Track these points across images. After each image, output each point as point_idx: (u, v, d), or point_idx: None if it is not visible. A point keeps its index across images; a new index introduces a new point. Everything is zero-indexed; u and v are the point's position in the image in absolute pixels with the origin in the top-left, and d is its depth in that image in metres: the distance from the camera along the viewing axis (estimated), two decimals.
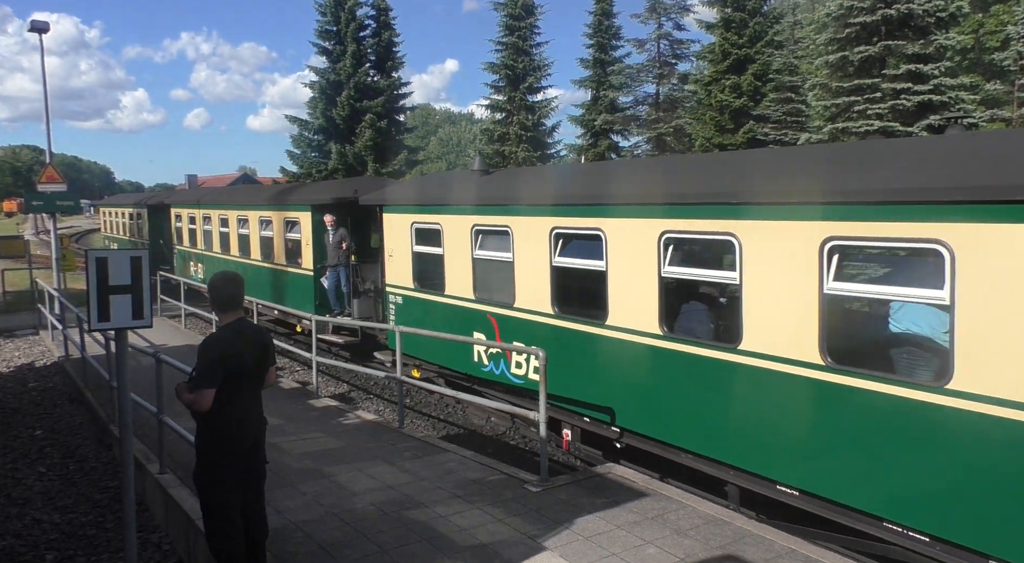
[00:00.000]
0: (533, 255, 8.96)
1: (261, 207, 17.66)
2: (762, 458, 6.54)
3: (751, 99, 25.47)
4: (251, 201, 18.73)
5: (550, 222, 8.69)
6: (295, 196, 16.52)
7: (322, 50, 32.58)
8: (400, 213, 11.80)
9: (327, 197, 15.16)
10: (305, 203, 15.37)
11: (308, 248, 15.21)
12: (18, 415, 12.27)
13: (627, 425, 7.96)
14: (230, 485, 5.00)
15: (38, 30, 19.67)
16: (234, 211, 19.18)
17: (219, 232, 20.16)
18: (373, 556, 5.76)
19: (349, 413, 10.59)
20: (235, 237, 19.11)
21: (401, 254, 11.77)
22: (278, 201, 16.99)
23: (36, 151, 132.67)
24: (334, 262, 14.41)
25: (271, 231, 17.05)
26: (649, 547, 5.85)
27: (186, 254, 23.27)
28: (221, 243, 20.10)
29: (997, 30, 31.65)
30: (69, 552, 7.45)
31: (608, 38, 31.27)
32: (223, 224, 19.80)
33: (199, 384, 4.87)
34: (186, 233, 23.30)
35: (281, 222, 16.47)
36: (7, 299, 23.81)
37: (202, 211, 21.61)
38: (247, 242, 18.44)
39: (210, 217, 20.79)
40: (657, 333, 7.41)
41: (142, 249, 5.15)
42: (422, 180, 16.39)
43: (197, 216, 22.06)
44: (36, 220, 67.05)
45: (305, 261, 15.44)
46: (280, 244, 16.60)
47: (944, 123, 17.95)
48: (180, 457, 7.99)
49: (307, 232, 15.24)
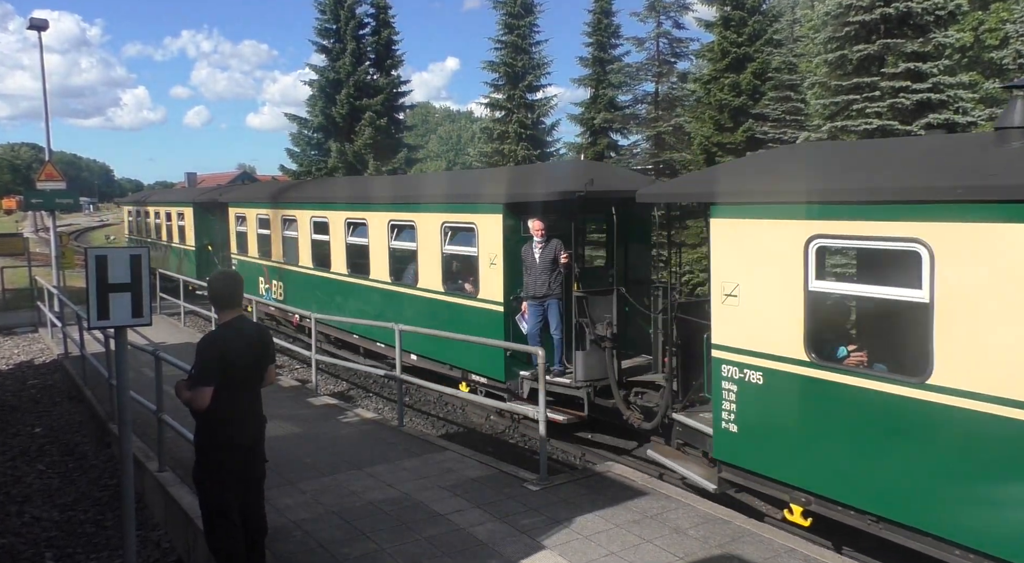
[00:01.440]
0: None
1: (393, 207, 12.61)
2: None
3: (750, 98, 25.44)
4: (372, 197, 13.49)
5: None
6: (469, 189, 11.36)
7: (322, 48, 32.54)
8: (772, 219, 6.42)
9: (539, 191, 9.93)
10: (493, 200, 10.28)
11: (495, 270, 10.22)
12: (17, 413, 12.28)
13: None
14: (229, 483, 5.01)
15: (37, 28, 19.66)
16: (340, 212, 14.15)
17: (312, 240, 15.36)
18: (372, 555, 5.76)
19: (348, 411, 10.60)
20: (340, 248, 14.26)
21: (769, 291, 6.48)
22: (429, 197, 11.81)
23: (35, 149, 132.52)
24: (541, 292, 9.59)
25: (412, 241, 12.05)
26: (648, 546, 5.85)
27: (253, 267, 18.28)
28: (316, 255, 15.31)
29: (996, 28, 31.64)
30: (68, 550, 7.45)
31: (607, 36, 31.20)
32: (319, 229, 15.08)
33: (198, 382, 4.88)
34: (253, 239, 18.35)
35: (437, 228, 11.37)
36: (6, 297, 23.81)
37: (281, 211, 16.77)
38: (363, 254, 13.55)
39: (295, 219, 16.05)
40: None
41: (142, 247, 5.14)
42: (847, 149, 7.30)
43: (272, 218, 17.17)
44: (35, 218, 66.95)
45: (487, 289, 10.40)
46: (434, 262, 11.49)
47: (943, 122, 17.96)
48: (179, 455, 8.00)
49: (493, 244, 10.22)
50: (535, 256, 9.63)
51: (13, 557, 7.27)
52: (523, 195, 10.09)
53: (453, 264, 11.47)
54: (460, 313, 10.97)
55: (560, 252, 9.58)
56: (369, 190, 14.21)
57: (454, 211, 11.08)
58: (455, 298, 11.18)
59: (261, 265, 17.89)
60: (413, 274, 12.17)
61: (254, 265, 18.27)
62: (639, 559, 5.64)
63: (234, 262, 19.37)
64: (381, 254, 12.94)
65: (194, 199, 22.68)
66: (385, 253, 12.81)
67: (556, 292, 9.62)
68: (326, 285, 14.91)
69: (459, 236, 11.11)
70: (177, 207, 23.84)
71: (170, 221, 24.40)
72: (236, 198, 19.94)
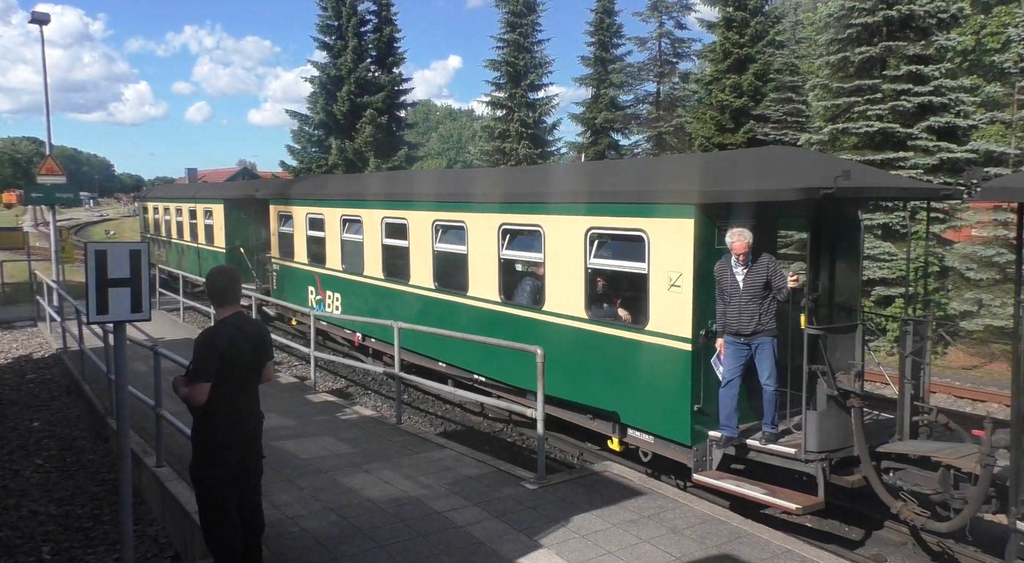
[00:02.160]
0: None
1: (504, 208, 10.08)
2: None
3: (751, 99, 25.45)
4: (471, 195, 10.75)
5: None
6: (636, 184, 8.36)
7: (323, 45, 32.53)
8: None
9: (767, 186, 7.04)
10: (678, 199, 7.58)
11: (678, 294, 7.55)
12: (15, 407, 12.28)
13: None
14: (226, 479, 5.01)
15: (38, 21, 19.68)
16: (424, 213, 11.53)
17: (384, 245, 12.71)
18: (369, 552, 5.76)
19: (347, 408, 10.60)
20: (424, 256, 11.68)
21: None
22: (565, 196, 9.15)
23: (36, 143, 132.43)
24: (748, 327, 7.12)
25: (534, 251, 9.66)
26: (645, 545, 5.86)
27: (300, 274, 15.60)
28: (389, 264, 12.74)
29: (998, 31, 31.64)
30: (65, 544, 7.45)
31: (609, 36, 31.23)
32: (394, 233, 12.43)
33: (195, 378, 4.87)
34: (301, 242, 15.63)
35: (578, 236, 8.77)
36: (6, 291, 23.79)
37: (340, 210, 14.07)
38: (458, 265, 11.03)
39: (359, 220, 13.44)
40: None
41: (141, 243, 5.13)
42: None
43: (328, 218, 14.49)
44: (35, 212, 66.90)
45: (663, 319, 7.75)
46: (573, 278, 8.92)
47: (944, 125, 17.96)
48: (177, 450, 8.00)
49: (675, 259, 7.57)
50: (737, 278, 7.13)
51: (10, 551, 7.27)
52: (732, 193, 7.25)
53: (599, 282, 9.08)
54: (615, 347, 8.41)
55: (775, 272, 7.16)
56: (465, 186, 11.46)
57: (607, 214, 8.44)
58: (606, 328, 8.60)
59: (311, 272, 15.19)
60: (532, 292, 9.83)
61: (302, 272, 15.56)
62: (636, 558, 5.65)
63: (275, 268, 16.96)
64: (485, 266, 10.34)
65: (226, 195, 20.08)
66: (492, 265, 10.20)
67: (769, 327, 7.14)
68: (403, 300, 12.31)
69: (613, 247, 8.65)
70: (205, 204, 21.04)
71: (195, 219, 21.72)
72: (281, 194, 16.87)
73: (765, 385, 7.19)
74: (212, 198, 20.73)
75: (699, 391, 7.48)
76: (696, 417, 7.51)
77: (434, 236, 11.46)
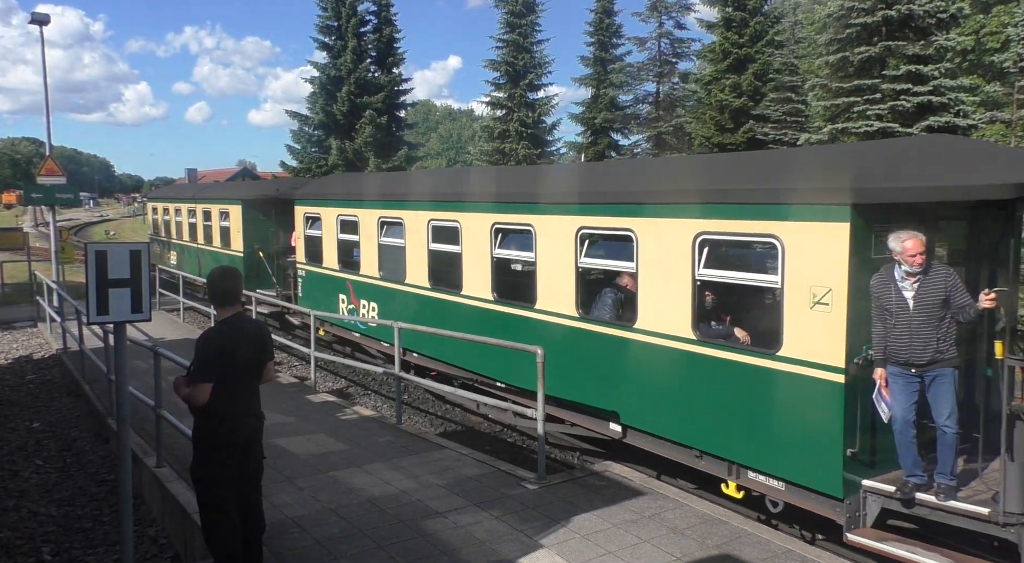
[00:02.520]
0: None
1: (586, 210, 8.54)
2: None
3: (751, 99, 25.49)
4: (540, 195, 9.34)
5: None
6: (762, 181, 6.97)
7: (323, 45, 32.56)
8: None
9: (972, 179, 5.63)
10: (825, 199, 6.24)
11: (824, 314, 6.25)
12: (15, 407, 12.27)
13: None
14: (226, 480, 5.01)
15: (38, 22, 19.67)
16: (482, 215, 10.22)
17: (430, 251, 11.39)
18: (369, 552, 5.76)
19: (347, 409, 10.60)
20: (481, 263, 10.30)
21: None
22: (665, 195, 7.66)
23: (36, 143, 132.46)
24: (923, 356, 5.84)
25: (623, 259, 8.16)
26: (645, 546, 5.86)
27: (330, 281, 14.38)
28: (436, 271, 11.38)
29: (997, 31, 31.66)
30: (65, 545, 7.45)
31: (609, 36, 31.27)
32: (443, 237, 11.12)
33: (196, 378, 4.88)
34: (331, 246, 14.21)
35: (683, 241, 7.36)
36: (6, 291, 23.78)
37: (379, 212, 12.65)
38: (524, 275, 10.10)
39: (400, 222, 12.02)
40: None
41: (141, 243, 5.13)
42: None
43: (363, 220, 13.03)
44: (35, 212, 66.88)
45: (802, 343, 6.45)
46: (675, 290, 7.50)
47: (944, 124, 17.97)
48: (177, 451, 8.00)
49: (821, 271, 6.26)
50: (904, 294, 5.86)
51: (10, 552, 7.26)
52: (914, 191, 5.81)
53: (708, 297, 7.66)
54: (733, 375, 6.96)
55: (956, 287, 5.85)
56: (532, 185, 9.92)
57: (725, 216, 7.02)
58: (720, 351, 7.10)
59: (343, 279, 13.87)
60: (614, 306, 8.48)
61: (332, 279, 14.25)
62: (637, 559, 5.65)
63: (300, 273, 15.60)
64: (559, 275, 8.89)
65: (244, 195, 18.76)
66: (569, 274, 8.70)
67: (949, 356, 5.84)
68: (454, 312, 10.89)
69: (729, 254, 7.44)
70: (220, 204, 19.69)
71: (209, 221, 20.45)
72: (308, 194, 15.53)
73: (944, 427, 5.81)
74: (229, 198, 19.45)
75: (854, 432, 6.09)
76: (849, 463, 6.10)
77: (493, 241, 10.09)
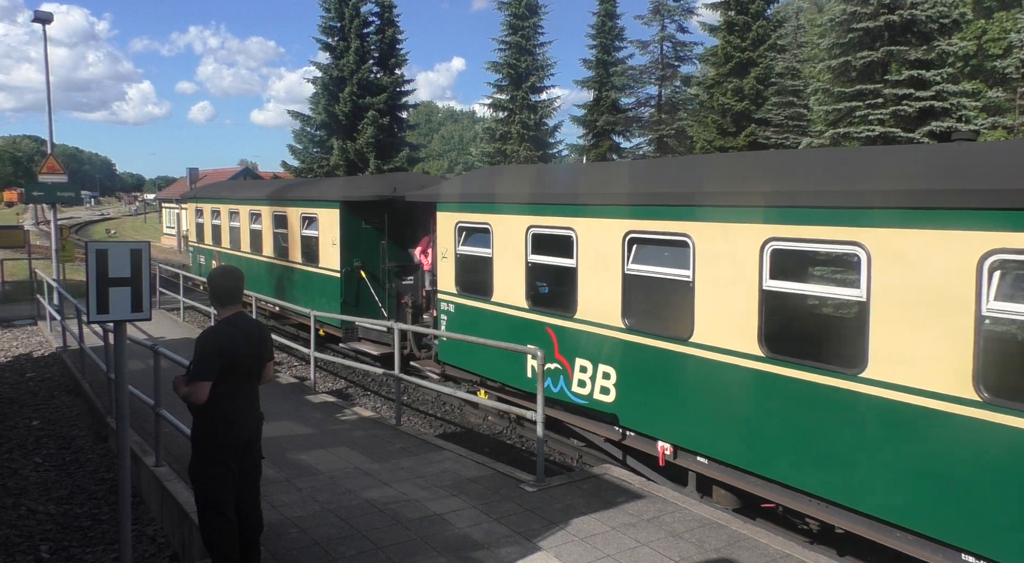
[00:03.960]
0: None
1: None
2: None
3: (753, 102, 25.49)
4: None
5: None
6: None
7: (325, 46, 32.59)
8: None
9: None
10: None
11: None
12: (15, 405, 12.28)
13: None
14: (225, 479, 5.01)
15: (41, 20, 19.68)
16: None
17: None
18: (368, 553, 5.76)
19: (346, 409, 10.60)
20: None
21: None
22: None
23: (37, 141, 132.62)
24: None
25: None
26: (644, 549, 5.85)
27: (503, 322, 9.91)
28: None
29: (1000, 37, 31.67)
30: (64, 543, 7.45)
31: (611, 39, 31.30)
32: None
33: (196, 377, 4.88)
34: (507, 272, 9.78)
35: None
36: (6, 289, 23.80)
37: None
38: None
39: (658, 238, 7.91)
40: None
41: (142, 242, 5.13)
42: None
43: (581, 231, 8.54)
44: (36, 210, 66.98)
45: None
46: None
47: (945, 129, 17.97)
48: (176, 450, 8.00)
49: None
50: None
51: (8, 549, 7.26)
52: None
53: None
54: None
55: None
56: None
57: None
58: None
59: (537, 323, 9.36)
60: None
61: (512, 320, 9.79)
62: (634, 562, 5.64)
63: (445, 307, 11.18)
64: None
65: (343, 195, 13.92)
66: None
67: None
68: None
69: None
70: (307, 207, 15.00)
71: (284, 228, 16.06)
72: (468, 195, 10.68)
73: None
74: (318, 199, 14.60)
75: None
76: None
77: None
